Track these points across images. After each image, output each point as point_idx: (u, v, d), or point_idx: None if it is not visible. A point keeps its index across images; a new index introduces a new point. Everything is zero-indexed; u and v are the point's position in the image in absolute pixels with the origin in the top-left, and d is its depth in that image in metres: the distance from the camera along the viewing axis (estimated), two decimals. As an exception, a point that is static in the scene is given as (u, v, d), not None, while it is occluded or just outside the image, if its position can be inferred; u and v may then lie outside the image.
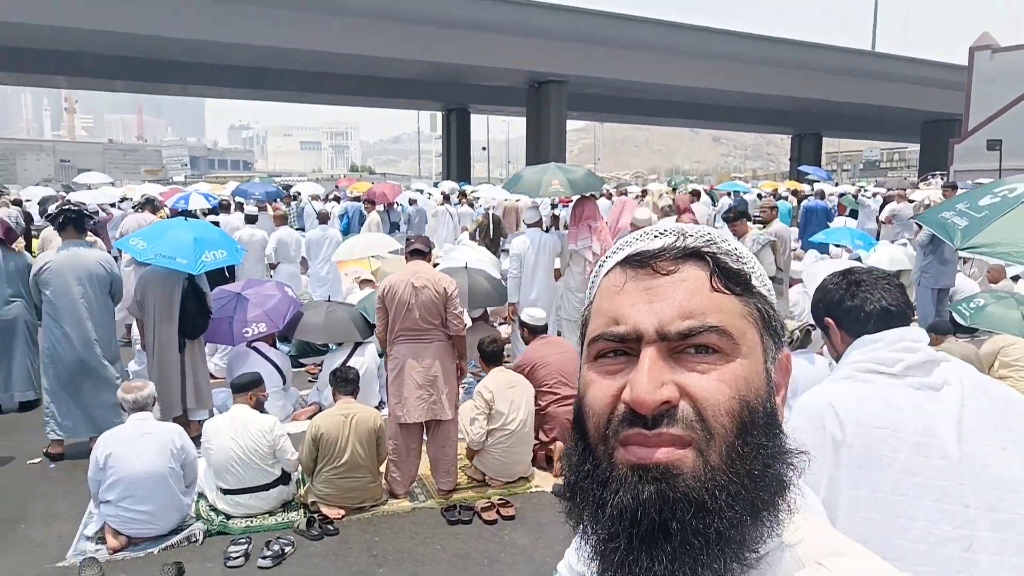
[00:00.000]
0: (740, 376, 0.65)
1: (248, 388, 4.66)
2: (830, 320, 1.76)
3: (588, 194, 7.43)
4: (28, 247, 9.51)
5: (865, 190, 20.28)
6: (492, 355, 4.93)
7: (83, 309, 5.34)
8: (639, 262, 0.69)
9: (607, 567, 0.63)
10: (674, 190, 15.90)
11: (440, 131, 48.70)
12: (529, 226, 7.52)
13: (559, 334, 7.39)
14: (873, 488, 1.44)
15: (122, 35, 25.69)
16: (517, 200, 13.83)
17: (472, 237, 12.32)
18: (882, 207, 13.88)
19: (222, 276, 8.03)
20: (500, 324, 8.48)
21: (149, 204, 10.31)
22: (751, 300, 0.69)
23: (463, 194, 17.52)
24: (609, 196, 17.03)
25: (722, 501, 0.61)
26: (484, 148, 60.48)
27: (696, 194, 14.79)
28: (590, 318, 0.72)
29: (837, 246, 10.42)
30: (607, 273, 0.72)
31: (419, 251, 4.90)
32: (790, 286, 7.74)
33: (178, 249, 5.51)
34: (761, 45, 36.37)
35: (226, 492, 4.40)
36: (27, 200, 16.39)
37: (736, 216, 7.33)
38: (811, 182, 21.20)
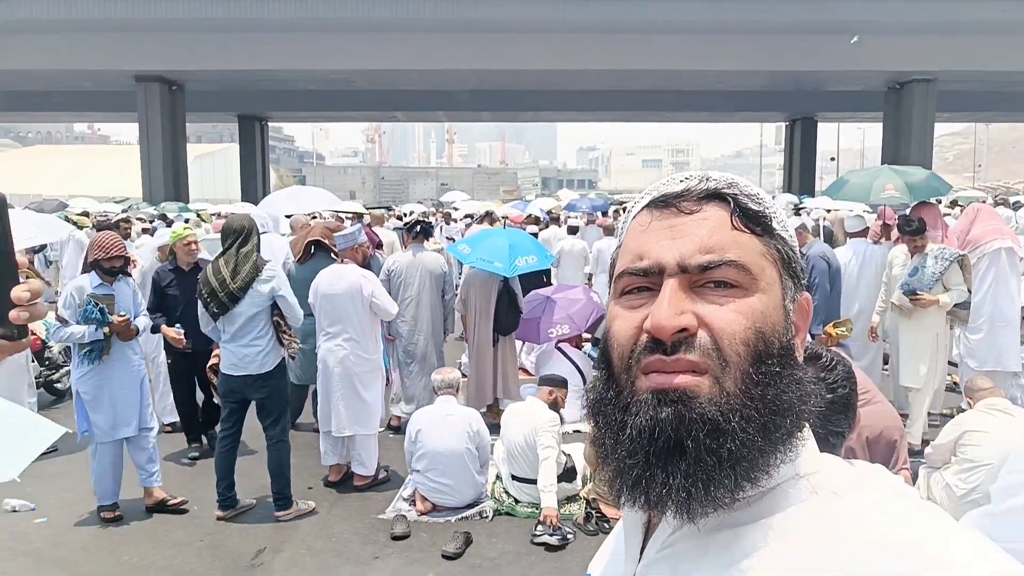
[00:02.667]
0: (757, 309, 0.67)
1: (550, 384, 4.96)
2: None
3: (931, 200, 6.46)
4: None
5: None
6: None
7: (421, 300, 6.25)
8: (663, 203, 0.72)
9: (625, 485, 0.67)
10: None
11: (783, 143, 46.10)
12: (851, 236, 6.78)
13: (885, 360, 6.55)
14: None
15: (488, 72, 29.20)
16: (851, 210, 12.48)
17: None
18: None
19: (540, 280, 8.63)
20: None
21: (488, 216, 11.56)
22: (771, 241, 0.71)
23: (795, 207, 16.30)
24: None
25: (735, 423, 0.64)
26: (832, 159, 55.64)
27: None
28: (617, 258, 0.75)
29: None
30: (634, 216, 0.76)
31: None
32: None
33: (496, 254, 6.14)
34: None
35: (514, 478, 4.76)
36: (407, 214, 19.78)
37: (916, 231, 5.69)
38: None
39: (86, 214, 16.70)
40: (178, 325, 5.17)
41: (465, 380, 6.63)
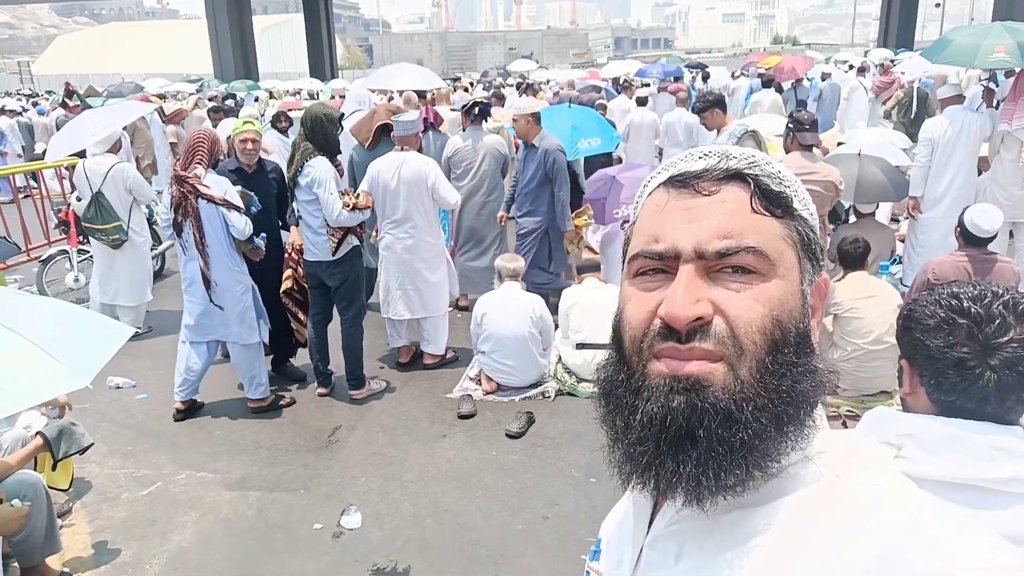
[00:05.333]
0: (774, 296, 0.66)
1: (589, 271, 5.23)
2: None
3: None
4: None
5: None
6: (853, 257, 4.38)
7: (483, 184, 6.21)
8: (681, 182, 0.70)
9: (635, 469, 0.67)
10: None
11: (882, -11, 41.76)
12: (944, 102, 6.25)
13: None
14: None
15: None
16: (957, 73, 11.38)
17: (887, 116, 10.66)
18: None
19: (608, 156, 8.37)
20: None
21: (529, 88, 11.19)
22: (791, 223, 0.69)
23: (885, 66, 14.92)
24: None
25: (748, 413, 0.63)
26: (938, 4, 50.30)
27: None
28: (632, 236, 0.73)
29: None
30: (651, 193, 0.73)
31: (809, 145, 4.86)
32: None
33: (557, 136, 5.95)
34: None
35: (580, 347, 4.86)
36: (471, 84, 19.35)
37: (707, 106, 5.52)
38: None
39: (162, 97, 17.05)
40: (263, 235, 4.74)
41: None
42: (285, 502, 3.74)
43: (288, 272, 4.96)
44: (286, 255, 4.99)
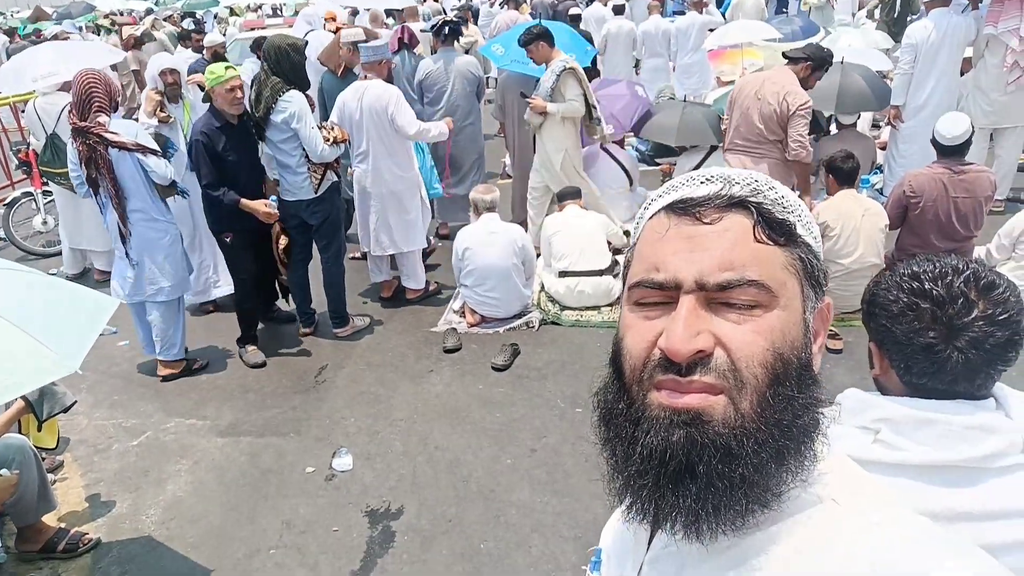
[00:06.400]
0: (776, 328, 0.65)
1: (571, 197, 5.15)
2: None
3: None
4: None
5: None
6: (845, 173, 4.32)
7: (458, 108, 6.02)
8: (683, 209, 0.69)
9: (635, 500, 0.67)
10: None
11: None
12: (929, 4, 6.06)
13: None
14: None
15: None
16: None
17: (870, 16, 10.35)
18: None
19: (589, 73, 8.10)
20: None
21: (512, 1, 10.65)
22: (795, 250, 0.69)
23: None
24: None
25: (748, 448, 0.63)
26: None
27: None
28: (632, 261, 0.73)
29: None
30: (651, 217, 0.72)
31: (795, 59, 4.72)
32: None
33: (531, 53, 5.72)
34: None
35: (563, 275, 4.86)
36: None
37: (532, 39, 5.23)
38: None
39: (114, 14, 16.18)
40: (273, 199, 4.54)
41: (510, 181, 6.57)
42: (276, 446, 3.78)
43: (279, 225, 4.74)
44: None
